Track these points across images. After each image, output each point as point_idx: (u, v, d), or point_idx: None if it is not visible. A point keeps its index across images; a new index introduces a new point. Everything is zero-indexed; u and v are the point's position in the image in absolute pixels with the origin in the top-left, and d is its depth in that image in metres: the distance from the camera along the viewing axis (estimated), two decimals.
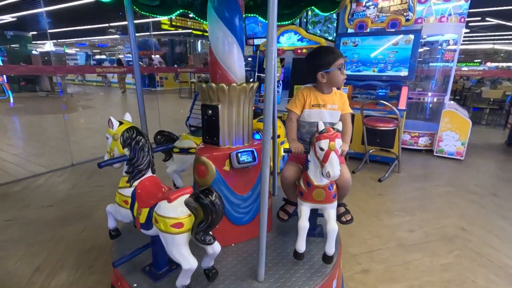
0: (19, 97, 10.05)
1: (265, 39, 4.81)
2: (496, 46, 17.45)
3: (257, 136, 2.89)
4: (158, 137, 1.81)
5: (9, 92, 8.47)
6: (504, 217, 2.47)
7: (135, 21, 1.63)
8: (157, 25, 8.88)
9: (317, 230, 1.58)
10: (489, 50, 18.46)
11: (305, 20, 4.40)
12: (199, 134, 1.66)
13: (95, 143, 4.61)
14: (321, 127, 1.24)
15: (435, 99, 4.57)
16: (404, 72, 3.79)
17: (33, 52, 13.34)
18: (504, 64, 17.54)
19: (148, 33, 11.86)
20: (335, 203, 1.34)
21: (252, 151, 1.43)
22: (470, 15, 4.11)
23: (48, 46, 14.27)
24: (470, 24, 10.71)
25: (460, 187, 3.08)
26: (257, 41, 6.01)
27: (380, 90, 3.74)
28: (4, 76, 9.42)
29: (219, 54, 1.40)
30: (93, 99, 10.93)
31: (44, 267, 1.79)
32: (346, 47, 4.13)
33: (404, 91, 3.72)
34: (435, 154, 4.11)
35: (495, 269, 1.82)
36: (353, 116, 3.70)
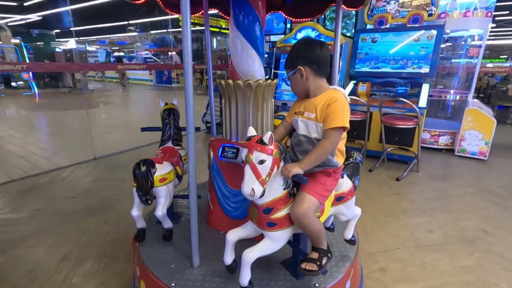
0: (43, 93, 10.49)
1: (282, 36, 4.79)
2: None
3: None
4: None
5: (36, 88, 8.87)
6: None
7: (153, 19, 1.77)
8: (175, 22, 9.02)
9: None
10: None
11: (323, 16, 4.35)
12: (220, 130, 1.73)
13: (115, 138, 4.77)
14: (250, 133, 1.07)
15: (457, 97, 4.41)
16: (425, 69, 3.69)
17: (56, 49, 13.86)
18: None
19: (165, 30, 12.04)
20: (273, 234, 1.09)
21: (238, 148, 1.43)
22: (497, 8, 3.92)
23: (71, 43, 14.78)
24: (496, 18, 10.22)
25: (482, 188, 2.98)
26: (273, 38, 6.01)
27: (399, 88, 3.66)
28: (31, 73, 9.87)
29: (236, 61, 1.45)
30: (112, 96, 11.25)
31: (71, 255, 1.89)
32: (365, 43, 4.06)
33: (425, 89, 3.62)
34: (456, 153, 3.99)
35: None
36: (361, 121, 3.64)
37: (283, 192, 1.09)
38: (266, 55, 5.26)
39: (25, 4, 8.91)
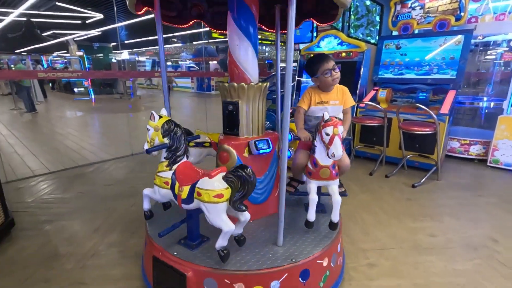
0: (99, 98, 11.84)
1: (307, 43, 4.96)
2: None
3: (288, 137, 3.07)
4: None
5: (92, 94, 10.07)
6: None
7: (193, 31, 2.05)
8: (208, 33, 9.65)
9: (320, 207, 1.84)
10: None
11: (347, 24, 4.42)
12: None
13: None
14: (326, 117, 1.51)
15: (491, 104, 4.14)
16: (451, 75, 3.58)
17: (113, 60, 15.55)
18: None
19: (206, 41, 12.84)
20: (337, 180, 1.62)
21: (267, 140, 1.67)
22: None
23: (124, 54, 16.42)
24: None
25: (505, 199, 2.80)
26: (302, 46, 6.17)
27: (420, 94, 3.59)
28: (89, 80, 11.24)
29: (237, 56, 1.67)
30: (156, 101, 12.27)
31: (101, 229, 2.27)
32: (388, 50, 4.06)
33: (450, 95, 3.51)
34: (488, 164, 3.75)
35: None
36: (379, 127, 3.55)
37: None
38: (295, 64, 5.44)
39: (87, 21, 10.28)
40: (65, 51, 15.59)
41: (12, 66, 9.37)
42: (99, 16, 9.36)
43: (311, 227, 1.59)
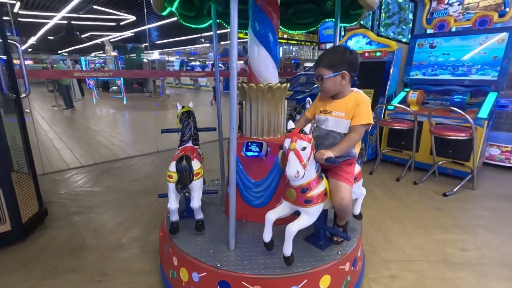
0: (130, 97, 12.37)
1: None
2: None
3: None
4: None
5: (124, 92, 10.52)
6: None
7: (220, 31, 2.13)
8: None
9: (322, 241, 1.51)
10: None
11: (377, 22, 4.23)
12: None
13: (176, 136, 5.45)
14: (290, 126, 1.26)
15: None
16: (492, 76, 3.30)
17: (144, 60, 16.20)
18: None
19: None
20: (309, 209, 1.29)
21: (260, 143, 1.62)
22: None
23: (155, 55, 17.04)
24: None
25: None
26: (329, 45, 6.03)
27: (456, 96, 3.35)
28: (122, 79, 11.78)
29: (254, 64, 1.67)
30: (183, 100, 12.63)
31: (125, 223, 2.36)
32: (422, 49, 3.83)
33: (491, 98, 3.24)
34: None
35: None
36: (408, 130, 3.29)
37: (316, 174, 1.30)
38: None
39: (121, 23, 10.82)
40: (102, 52, 16.52)
41: (54, 65, 10.10)
42: (132, 18, 9.80)
43: (268, 248, 1.38)
